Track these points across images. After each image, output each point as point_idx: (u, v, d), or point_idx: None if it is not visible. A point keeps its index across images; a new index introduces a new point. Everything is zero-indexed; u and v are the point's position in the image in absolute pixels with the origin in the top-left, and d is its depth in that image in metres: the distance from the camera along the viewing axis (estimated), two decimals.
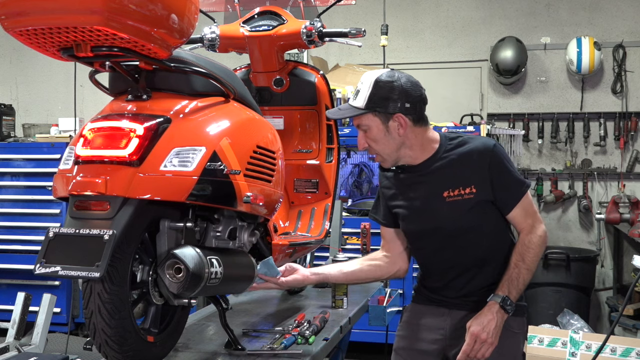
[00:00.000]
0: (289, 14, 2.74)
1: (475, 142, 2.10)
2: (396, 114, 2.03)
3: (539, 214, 2.15)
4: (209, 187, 1.82)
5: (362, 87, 2.06)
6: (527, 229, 2.09)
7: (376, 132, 2.06)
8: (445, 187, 2.08)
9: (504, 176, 2.07)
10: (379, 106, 2.03)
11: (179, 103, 1.89)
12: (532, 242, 2.07)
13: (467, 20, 6.17)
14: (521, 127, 5.99)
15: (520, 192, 2.09)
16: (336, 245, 3.55)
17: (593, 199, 5.90)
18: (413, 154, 2.10)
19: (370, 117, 2.05)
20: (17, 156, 5.30)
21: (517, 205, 2.08)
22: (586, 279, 5.32)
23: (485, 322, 1.98)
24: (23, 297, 3.40)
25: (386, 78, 2.04)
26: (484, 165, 2.05)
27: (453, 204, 2.07)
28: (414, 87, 2.05)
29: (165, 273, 1.79)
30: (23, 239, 5.19)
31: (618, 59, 5.84)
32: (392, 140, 2.06)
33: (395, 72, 2.07)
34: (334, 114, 2.21)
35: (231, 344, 2.20)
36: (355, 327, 3.05)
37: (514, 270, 2.04)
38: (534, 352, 3.60)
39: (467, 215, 2.07)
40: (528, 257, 2.05)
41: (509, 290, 2.02)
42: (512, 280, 2.03)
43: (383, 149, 2.09)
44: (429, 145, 2.11)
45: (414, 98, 2.05)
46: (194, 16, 1.80)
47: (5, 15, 1.59)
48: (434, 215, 2.11)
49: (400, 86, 2.03)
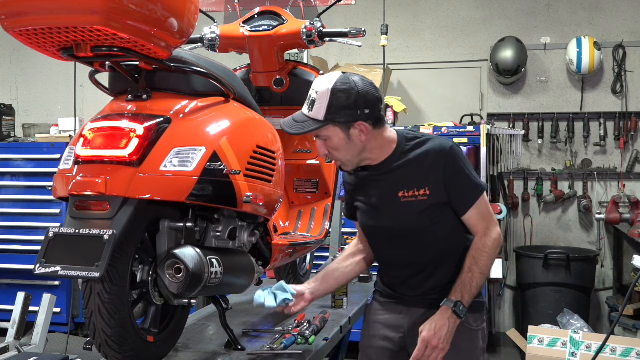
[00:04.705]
0: (289, 14, 2.74)
1: (433, 143, 2.08)
2: (357, 122, 1.98)
3: (494, 217, 2.12)
4: (209, 187, 1.82)
5: (317, 97, 1.96)
6: (482, 231, 2.07)
7: (337, 142, 2.01)
8: (400, 187, 2.07)
9: (459, 178, 2.05)
10: (339, 116, 1.96)
11: (179, 103, 1.89)
12: (486, 246, 2.06)
13: (467, 20, 6.17)
14: (521, 127, 5.99)
15: (475, 195, 2.07)
16: (336, 245, 3.55)
17: (593, 199, 5.90)
18: (373, 156, 2.09)
19: (330, 127, 1.98)
20: (17, 156, 5.30)
21: (471, 208, 2.06)
22: (586, 279, 5.32)
23: (437, 328, 1.98)
24: (23, 297, 3.40)
25: (342, 85, 1.95)
26: (439, 166, 2.04)
27: (407, 205, 2.06)
28: (370, 90, 1.99)
29: (165, 273, 1.79)
30: (23, 239, 5.19)
31: (618, 59, 5.84)
32: (353, 147, 2.03)
33: (349, 76, 1.99)
34: (292, 127, 2.02)
35: (231, 344, 2.20)
36: (355, 327, 3.05)
37: (467, 274, 2.04)
38: (534, 352, 3.60)
39: (420, 216, 2.06)
40: (481, 261, 2.04)
41: (462, 294, 2.01)
42: (465, 285, 2.02)
43: (345, 155, 2.06)
44: (387, 146, 2.09)
45: (372, 102, 1.99)
46: (194, 16, 1.80)
47: (5, 15, 1.59)
48: (388, 215, 2.11)
49: (357, 92, 1.96)
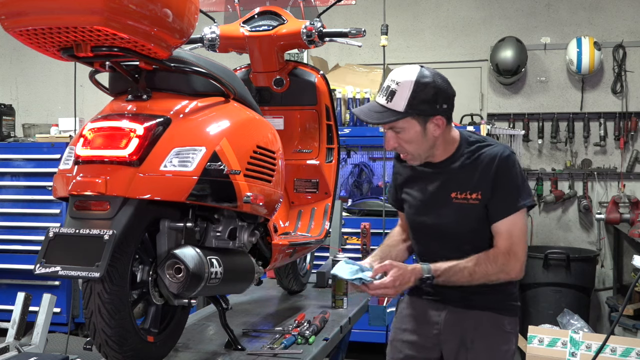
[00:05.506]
0: (289, 14, 2.74)
1: (493, 148, 2.07)
2: (436, 116, 2.01)
3: (523, 248, 2.02)
4: (209, 187, 1.82)
5: (398, 88, 1.97)
6: (505, 249, 2.01)
7: (412, 135, 2.02)
8: (454, 188, 2.07)
9: (505, 184, 2.03)
10: (421, 109, 1.98)
11: (179, 103, 1.89)
12: (499, 264, 1.99)
13: (467, 20, 6.17)
14: (521, 127, 5.99)
15: (513, 208, 2.02)
16: (336, 245, 3.55)
17: (593, 199, 5.90)
18: (437, 153, 2.10)
19: (408, 120, 2.00)
20: (17, 156, 5.30)
21: (503, 219, 2.02)
22: (586, 279, 5.32)
23: (401, 282, 1.96)
24: (23, 297, 3.40)
25: (424, 79, 1.97)
26: (492, 169, 2.03)
27: (458, 206, 2.06)
28: (448, 86, 2.03)
29: (165, 273, 1.79)
30: (23, 239, 5.18)
31: (618, 59, 5.84)
32: (426, 141, 2.04)
33: (428, 70, 2.01)
34: (371, 117, 2.01)
35: (231, 344, 2.20)
36: (355, 327, 3.05)
37: (460, 266, 2.00)
38: (534, 352, 3.60)
39: (468, 219, 2.06)
40: (480, 271, 2.00)
41: (442, 275, 1.99)
42: (451, 272, 2.00)
43: (416, 149, 2.06)
44: (451, 145, 2.11)
45: (450, 98, 2.03)
46: (194, 16, 1.80)
47: (5, 15, 1.59)
48: (437, 213, 2.11)
49: (438, 86, 1.99)
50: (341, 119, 5.01)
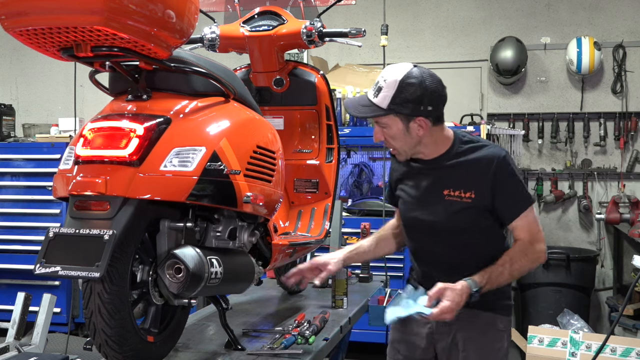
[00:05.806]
0: (289, 14, 2.74)
1: (487, 150, 2.09)
2: (418, 117, 2.03)
3: (542, 234, 2.11)
4: (209, 187, 1.82)
5: (385, 85, 2.01)
6: (528, 239, 2.07)
7: (395, 131, 2.06)
8: (447, 186, 2.10)
9: (508, 186, 2.06)
10: (402, 108, 2.01)
11: (179, 103, 1.89)
12: (529, 253, 2.06)
13: (467, 20, 6.17)
14: (521, 127, 5.99)
15: (523, 206, 2.08)
16: (336, 245, 3.55)
17: (593, 199, 5.90)
18: (426, 151, 2.13)
19: (391, 117, 2.04)
20: (17, 156, 5.30)
21: (518, 218, 2.08)
22: (586, 279, 5.32)
23: (456, 304, 1.94)
24: (23, 297, 3.40)
25: (411, 79, 1.99)
26: (489, 173, 2.05)
27: (450, 203, 2.09)
28: (437, 88, 2.03)
29: (165, 273, 1.79)
30: (23, 239, 5.19)
31: (618, 59, 5.84)
32: (410, 139, 2.07)
33: (420, 71, 2.02)
34: (355, 110, 2.11)
35: (231, 344, 2.20)
36: (355, 327, 3.05)
37: (499, 268, 2.02)
38: (534, 352, 3.60)
39: (460, 216, 2.08)
40: (516, 265, 2.04)
41: (486, 283, 1.99)
42: (493, 277, 2.01)
43: (401, 145, 2.11)
44: (442, 144, 2.12)
45: (436, 100, 2.03)
46: (194, 16, 1.80)
47: (5, 15, 1.59)
48: (429, 209, 2.13)
49: (424, 88, 1.99)
50: (341, 119, 5.01)
